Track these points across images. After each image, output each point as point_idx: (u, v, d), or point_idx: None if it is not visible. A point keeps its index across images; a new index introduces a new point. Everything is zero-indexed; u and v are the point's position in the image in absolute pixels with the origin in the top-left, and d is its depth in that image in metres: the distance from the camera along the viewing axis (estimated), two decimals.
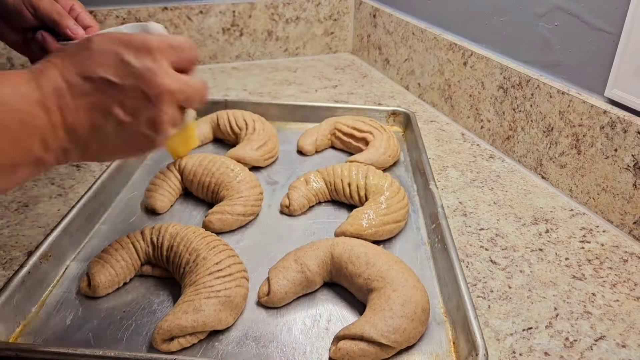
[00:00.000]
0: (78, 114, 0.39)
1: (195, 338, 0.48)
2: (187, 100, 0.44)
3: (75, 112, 0.39)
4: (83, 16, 0.65)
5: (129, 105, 0.40)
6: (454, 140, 0.91)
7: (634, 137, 0.63)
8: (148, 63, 0.40)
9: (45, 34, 0.63)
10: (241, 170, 0.69)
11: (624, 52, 0.65)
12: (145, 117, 0.41)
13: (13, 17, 0.63)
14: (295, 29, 1.31)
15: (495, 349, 0.50)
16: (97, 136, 0.41)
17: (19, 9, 0.62)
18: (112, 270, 0.54)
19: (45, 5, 0.62)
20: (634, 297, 0.57)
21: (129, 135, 0.42)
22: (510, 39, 0.84)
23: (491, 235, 0.66)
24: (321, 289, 0.56)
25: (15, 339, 0.49)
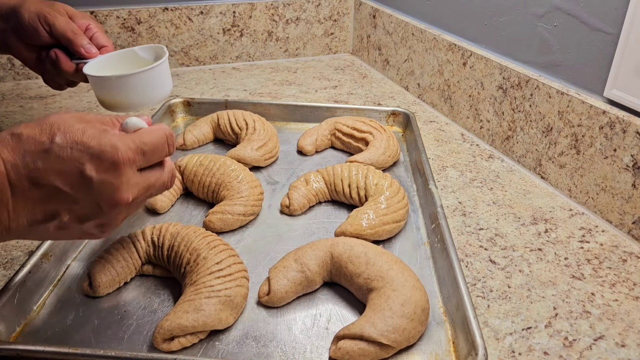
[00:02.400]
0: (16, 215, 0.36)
1: (196, 337, 0.48)
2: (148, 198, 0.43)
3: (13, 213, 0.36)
4: (98, 35, 0.64)
5: (78, 213, 0.38)
6: (454, 140, 0.91)
7: (633, 137, 0.64)
8: (110, 179, 0.37)
9: (58, 52, 0.63)
10: (241, 170, 0.69)
11: (623, 53, 0.65)
12: (95, 222, 0.39)
13: (28, 34, 0.62)
14: (295, 30, 1.31)
15: (494, 349, 0.50)
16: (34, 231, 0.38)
17: (34, 26, 0.62)
18: (113, 269, 0.54)
19: (61, 24, 0.61)
20: (633, 296, 0.57)
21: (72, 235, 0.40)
22: (510, 40, 0.85)
23: (490, 235, 0.66)
24: (321, 289, 0.56)
25: (16, 338, 0.49)
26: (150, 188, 0.42)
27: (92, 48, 0.63)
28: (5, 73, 1.13)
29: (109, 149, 0.37)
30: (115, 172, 0.38)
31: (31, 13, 0.62)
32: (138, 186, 0.40)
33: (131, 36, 1.17)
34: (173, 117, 0.94)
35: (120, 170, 0.38)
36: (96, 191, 0.37)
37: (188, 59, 1.25)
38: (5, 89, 1.09)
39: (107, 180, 0.37)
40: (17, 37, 0.64)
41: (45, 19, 0.61)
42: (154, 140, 0.41)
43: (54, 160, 0.36)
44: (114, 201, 0.38)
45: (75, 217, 0.38)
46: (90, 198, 0.37)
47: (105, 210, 0.38)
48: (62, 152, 0.36)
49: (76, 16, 0.64)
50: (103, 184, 0.37)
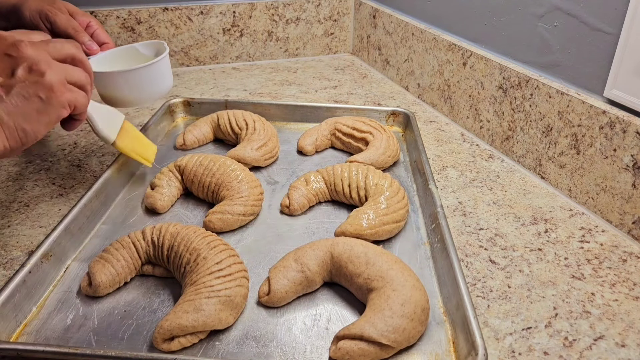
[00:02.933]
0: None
1: (196, 337, 0.49)
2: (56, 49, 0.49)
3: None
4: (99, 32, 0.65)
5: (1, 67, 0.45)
6: (454, 140, 0.91)
7: (633, 137, 0.64)
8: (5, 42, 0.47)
9: None
10: (241, 170, 0.69)
11: (623, 53, 0.65)
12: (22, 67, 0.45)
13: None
14: (295, 30, 1.31)
15: (494, 349, 0.50)
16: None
17: (35, 24, 0.62)
18: (113, 269, 0.54)
19: (62, 21, 0.62)
20: (633, 296, 0.57)
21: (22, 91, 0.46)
22: (510, 40, 0.85)
23: (490, 235, 0.67)
24: (321, 289, 0.56)
25: (16, 338, 0.49)
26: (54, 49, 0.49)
27: (94, 45, 0.63)
28: None
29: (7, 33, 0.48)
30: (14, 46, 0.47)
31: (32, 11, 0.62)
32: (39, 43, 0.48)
33: (131, 36, 1.17)
34: (173, 117, 0.94)
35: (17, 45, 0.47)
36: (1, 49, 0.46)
37: (188, 59, 1.25)
38: None
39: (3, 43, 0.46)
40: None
41: (46, 16, 0.62)
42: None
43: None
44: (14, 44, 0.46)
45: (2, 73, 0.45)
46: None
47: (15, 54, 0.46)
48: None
49: (77, 13, 0.64)
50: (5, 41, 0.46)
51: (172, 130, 0.91)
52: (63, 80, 0.49)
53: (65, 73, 0.49)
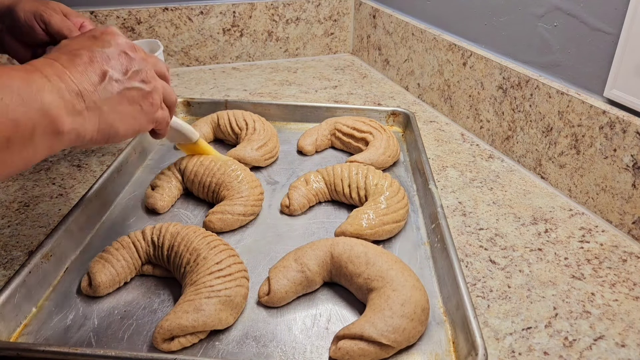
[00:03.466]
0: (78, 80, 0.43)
1: (196, 337, 0.48)
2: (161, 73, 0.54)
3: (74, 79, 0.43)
4: None
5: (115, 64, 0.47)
6: (454, 140, 0.91)
7: (633, 137, 0.64)
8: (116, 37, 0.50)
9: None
10: (241, 170, 0.69)
11: (623, 53, 0.65)
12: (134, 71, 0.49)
13: (24, 33, 0.63)
14: (295, 30, 1.31)
15: (494, 349, 0.50)
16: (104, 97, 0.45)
17: (30, 25, 0.62)
18: (113, 269, 0.54)
19: (56, 21, 0.62)
20: (633, 296, 0.57)
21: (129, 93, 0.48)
22: (510, 40, 0.85)
23: (490, 235, 0.66)
24: (321, 289, 0.56)
25: (16, 338, 0.49)
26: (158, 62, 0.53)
27: None
28: None
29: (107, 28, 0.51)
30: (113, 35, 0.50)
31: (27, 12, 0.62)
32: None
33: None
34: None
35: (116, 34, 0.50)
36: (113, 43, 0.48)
37: (188, 59, 1.25)
38: None
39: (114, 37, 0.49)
40: (13, 36, 0.64)
41: (41, 17, 0.62)
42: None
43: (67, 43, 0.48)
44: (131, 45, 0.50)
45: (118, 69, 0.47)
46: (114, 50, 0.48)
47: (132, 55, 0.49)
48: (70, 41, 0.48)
49: (71, 14, 0.65)
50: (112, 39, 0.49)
51: None
52: (161, 97, 0.53)
53: (164, 91, 0.53)
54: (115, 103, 0.47)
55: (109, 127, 0.47)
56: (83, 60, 0.45)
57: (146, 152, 0.81)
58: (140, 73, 0.49)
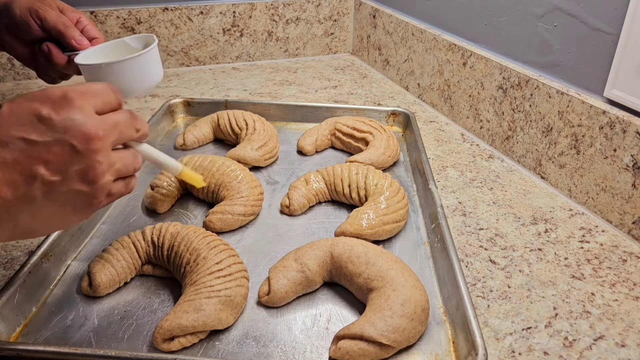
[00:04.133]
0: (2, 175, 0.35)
1: (196, 337, 0.48)
2: (121, 136, 0.41)
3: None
4: (89, 28, 0.65)
5: (54, 162, 0.37)
6: (454, 140, 0.91)
7: (633, 137, 0.64)
8: (69, 114, 0.37)
9: (51, 45, 0.63)
10: (241, 170, 0.69)
11: (623, 53, 0.65)
12: (76, 170, 0.38)
13: (20, 29, 0.63)
14: (295, 30, 1.31)
15: (494, 349, 0.50)
16: (24, 207, 0.37)
17: (26, 21, 0.62)
18: (113, 269, 0.54)
19: (52, 17, 0.62)
20: (633, 296, 0.57)
21: (61, 197, 0.38)
22: (510, 40, 0.85)
23: (490, 235, 0.66)
24: (321, 289, 0.56)
25: (16, 338, 0.49)
26: (117, 125, 0.41)
27: (84, 39, 0.63)
28: (5, 73, 1.13)
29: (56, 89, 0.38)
30: (70, 106, 0.38)
31: (22, 8, 0.62)
32: (102, 119, 0.39)
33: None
34: (173, 117, 0.94)
35: (74, 103, 0.38)
36: (61, 129, 0.37)
37: (188, 59, 1.25)
38: (5, 89, 1.09)
39: (67, 116, 0.37)
40: (10, 32, 0.64)
41: (36, 13, 0.62)
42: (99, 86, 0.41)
43: (8, 116, 0.36)
44: (84, 134, 0.37)
45: (54, 170, 0.37)
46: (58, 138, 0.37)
47: (80, 149, 0.37)
48: (12, 108, 0.37)
49: (67, 10, 0.65)
50: (64, 120, 0.37)
51: (172, 130, 0.91)
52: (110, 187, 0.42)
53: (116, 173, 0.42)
54: (39, 208, 0.38)
55: (24, 233, 0.39)
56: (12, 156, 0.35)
57: None
58: (84, 172, 0.38)
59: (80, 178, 0.38)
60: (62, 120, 0.37)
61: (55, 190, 0.38)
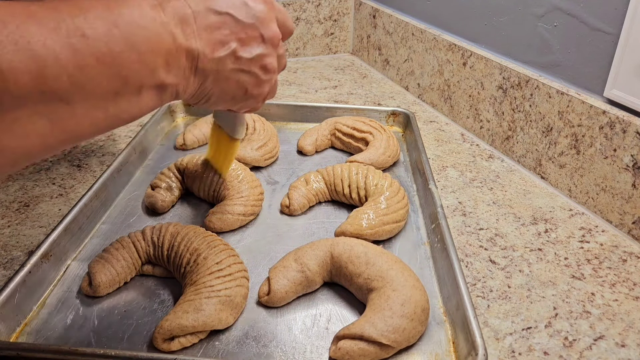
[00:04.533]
0: (201, 41, 0.41)
1: (196, 337, 0.48)
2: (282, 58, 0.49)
3: (198, 39, 0.40)
4: None
5: (246, 41, 0.44)
6: (454, 140, 0.91)
7: (633, 137, 0.64)
8: (265, 9, 0.45)
9: None
10: (241, 170, 0.69)
11: (623, 53, 0.65)
12: (258, 55, 0.45)
13: None
14: (295, 30, 1.31)
15: (494, 349, 0.50)
16: (215, 67, 0.43)
17: None
18: (113, 269, 0.54)
19: None
20: (633, 296, 0.57)
21: (242, 74, 0.45)
22: (510, 40, 0.85)
23: (490, 235, 0.67)
24: (321, 289, 0.56)
25: (16, 338, 0.49)
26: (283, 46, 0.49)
27: None
28: None
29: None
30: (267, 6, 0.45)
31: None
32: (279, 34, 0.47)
33: None
34: (173, 117, 0.94)
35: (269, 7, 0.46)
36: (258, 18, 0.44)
37: None
38: None
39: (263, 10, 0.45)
40: None
41: None
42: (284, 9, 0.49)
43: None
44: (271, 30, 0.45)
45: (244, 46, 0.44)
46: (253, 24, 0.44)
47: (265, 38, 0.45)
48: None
49: None
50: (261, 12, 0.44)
51: (172, 130, 0.91)
52: (272, 86, 0.49)
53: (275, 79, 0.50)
54: (223, 78, 0.44)
55: (203, 95, 0.45)
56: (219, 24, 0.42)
57: (146, 152, 0.81)
58: (265, 59, 0.46)
59: (260, 65, 0.45)
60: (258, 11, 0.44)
61: (241, 65, 0.44)
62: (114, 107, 0.36)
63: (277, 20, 0.47)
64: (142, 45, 0.36)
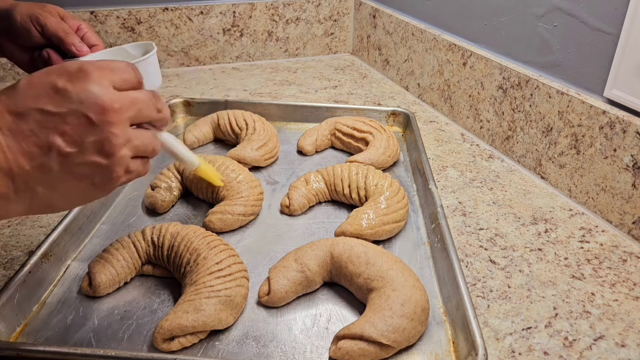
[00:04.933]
0: (13, 155, 0.36)
1: (196, 337, 0.49)
2: (140, 114, 0.41)
3: (9, 153, 0.36)
4: (89, 35, 0.65)
5: (70, 133, 0.37)
6: (454, 140, 0.91)
7: (633, 137, 0.64)
8: (85, 85, 0.37)
9: (50, 52, 0.64)
10: (241, 170, 0.69)
11: (623, 52, 0.65)
12: (92, 142, 0.38)
13: (20, 36, 0.63)
14: (295, 30, 1.31)
15: (494, 349, 0.50)
16: (42, 177, 0.37)
17: (26, 27, 0.62)
18: (113, 269, 0.54)
19: (52, 24, 0.62)
20: (633, 296, 0.57)
21: (79, 169, 0.38)
22: (510, 40, 0.85)
23: (490, 235, 0.66)
24: (321, 289, 0.56)
25: (16, 338, 0.49)
26: (135, 101, 0.40)
27: (83, 46, 0.64)
28: (5, 73, 1.13)
29: (72, 63, 0.39)
30: (87, 78, 0.38)
31: (23, 14, 0.62)
32: (120, 95, 0.39)
33: (131, 36, 1.17)
34: (173, 117, 0.94)
35: (90, 76, 0.38)
36: (76, 100, 0.37)
37: (188, 59, 1.25)
38: None
39: (83, 87, 0.37)
40: (10, 39, 0.64)
41: (37, 19, 0.62)
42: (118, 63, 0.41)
43: (26, 88, 0.37)
44: (99, 106, 0.37)
45: (70, 141, 0.37)
46: (74, 109, 0.37)
47: (96, 120, 0.37)
48: (31, 80, 0.37)
49: (67, 17, 0.65)
50: (80, 91, 0.37)
51: (172, 130, 0.91)
52: (128, 162, 0.41)
53: (134, 149, 0.41)
54: (56, 181, 0.38)
55: (44, 206, 0.39)
56: (29, 126, 0.36)
57: None
58: (100, 143, 0.38)
59: (96, 150, 0.38)
60: (77, 92, 0.37)
61: (71, 161, 0.38)
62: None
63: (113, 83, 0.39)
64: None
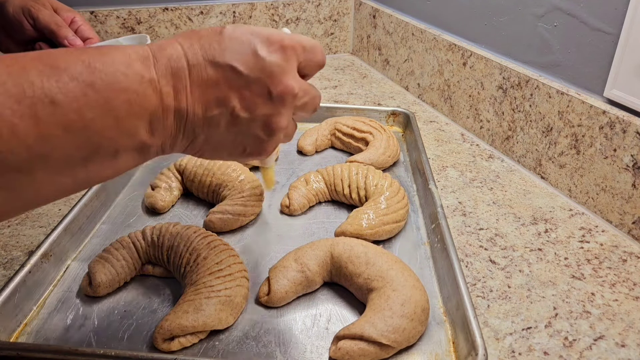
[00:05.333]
0: (193, 99, 0.36)
1: (196, 337, 0.48)
2: (304, 107, 0.42)
3: (190, 97, 0.36)
4: (83, 28, 0.65)
5: (248, 98, 0.38)
6: (454, 140, 0.91)
7: (633, 137, 0.64)
8: (280, 60, 0.38)
9: (43, 46, 0.63)
10: (242, 170, 0.69)
11: (623, 53, 0.65)
12: (262, 115, 0.39)
13: (14, 29, 0.63)
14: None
15: (494, 349, 0.50)
16: (207, 128, 0.38)
17: (19, 20, 0.62)
18: (113, 269, 0.54)
19: (45, 16, 0.62)
20: (633, 296, 0.57)
21: (239, 134, 0.39)
22: (510, 40, 0.85)
23: (490, 235, 0.66)
24: (321, 289, 0.56)
25: (16, 338, 0.49)
26: (309, 92, 0.42)
27: (77, 40, 0.63)
28: None
29: (276, 34, 0.39)
30: (284, 54, 0.38)
31: (15, 7, 0.62)
32: (300, 81, 0.40)
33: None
34: None
35: (288, 55, 0.39)
36: (267, 71, 0.38)
37: None
38: None
39: (277, 62, 0.38)
40: (3, 32, 0.64)
41: (29, 12, 0.62)
42: (312, 41, 0.42)
43: (228, 41, 0.37)
44: (283, 85, 0.38)
45: (245, 106, 0.38)
46: (260, 78, 0.38)
47: (275, 96, 0.38)
48: (235, 34, 0.38)
49: (61, 9, 0.64)
50: (273, 64, 0.38)
51: None
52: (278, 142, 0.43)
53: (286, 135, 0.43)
54: (216, 137, 0.39)
55: (195, 152, 0.40)
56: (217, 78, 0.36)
57: None
58: (270, 119, 0.39)
59: (262, 124, 0.39)
60: (270, 64, 0.38)
61: (238, 125, 0.38)
62: (84, 172, 0.33)
63: (299, 63, 0.40)
64: (122, 109, 0.33)
